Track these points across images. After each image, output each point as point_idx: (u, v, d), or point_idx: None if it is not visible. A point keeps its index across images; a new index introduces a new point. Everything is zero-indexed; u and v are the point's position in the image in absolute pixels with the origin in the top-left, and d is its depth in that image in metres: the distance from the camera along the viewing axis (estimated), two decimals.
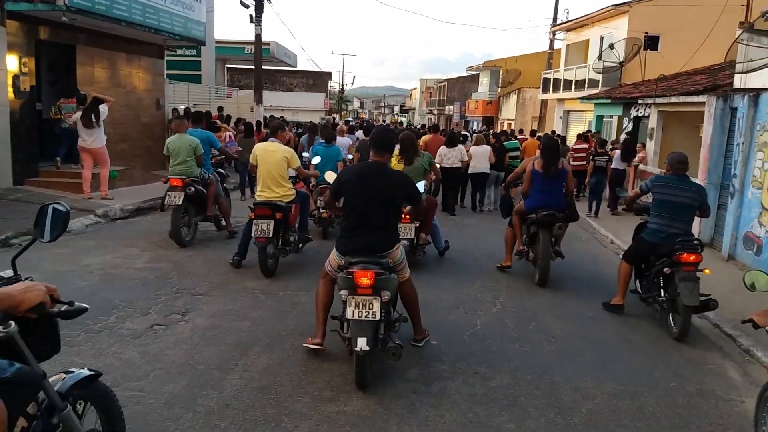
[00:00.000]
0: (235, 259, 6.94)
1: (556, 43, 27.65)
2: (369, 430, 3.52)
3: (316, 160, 8.21)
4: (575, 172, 9.89)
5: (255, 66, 20.06)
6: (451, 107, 49.57)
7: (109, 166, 10.54)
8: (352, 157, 10.71)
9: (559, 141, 12.56)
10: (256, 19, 18.74)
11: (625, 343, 5.19)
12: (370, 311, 3.91)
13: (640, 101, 15.27)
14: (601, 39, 22.25)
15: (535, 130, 18.41)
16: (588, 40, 24.14)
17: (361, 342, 3.83)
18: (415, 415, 3.71)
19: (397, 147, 6.08)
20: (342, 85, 62.93)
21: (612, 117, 19.18)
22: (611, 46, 19.95)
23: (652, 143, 14.06)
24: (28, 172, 10.76)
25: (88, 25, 11.18)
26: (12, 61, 10.03)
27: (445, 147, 11.63)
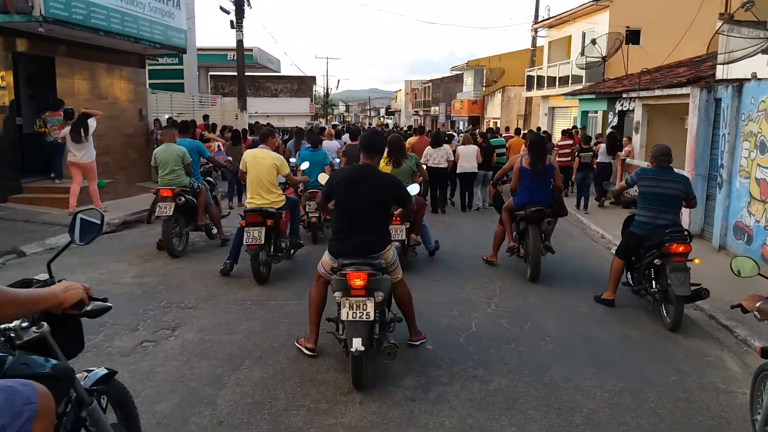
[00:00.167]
0: (227, 263, 6.90)
1: (539, 40, 27.70)
2: None
3: (304, 166, 8.22)
4: (561, 168, 9.92)
5: (238, 72, 19.93)
6: (436, 108, 49.62)
7: (96, 180, 10.40)
8: (340, 161, 10.69)
9: (546, 138, 12.57)
10: (237, 24, 18.61)
11: (622, 339, 5.15)
12: (364, 312, 3.95)
13: (624, 95, 15.33)
14: (583, 35, 22.33)
15: (519, 128, 18.43)
16: (570, 36, 24.23)
17: (357, 343, 3.86)
18: (414, 423, 3.64)
19: (385, 149, 6.09)
20: (327, 89, 62.78)
21: (597, 112, 19.25)
22: (593, 42, 20.02)
23: (638, 137, 14.11)
24: (10, 189, 10.58)
25: (67, 36, 11.02)
26: None
27: (430, 147, 11.62)
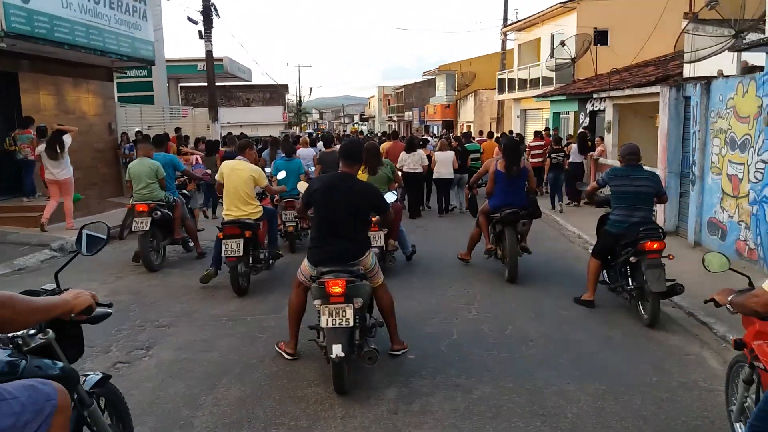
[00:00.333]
0: (210, 269, 6.87)
1: (508, 43, 27.95)
2: None
3: (281, 175, 8.21)
4: (533, 169, 10.02)
5: (208, 83, 19.74)
6: (410, 113, 49.78)
7: (72, 196, 10.21)
8: (315, 169, 10.63)
9: (519, 140, 12.69)
10: (206, 35, 18.42)
11: (604, 340, 5.14)
12: (344, 318, 3.99)
13: (594, 96, 15.51)
14: (552, 37, 22.59)
15: (492, 132, 18.54)
16: (539, 38, 24.49)
17: (336, 349, 3.89)
18: None
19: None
20: (299, 97, 62.54)
21: (568, 113, 19.45)
22: (562, 43, 20.27)
23: (609, 136, 14.27)
24: None
25: (30, 51, 10.76)
26: None
27: (405, 152, 11.70)
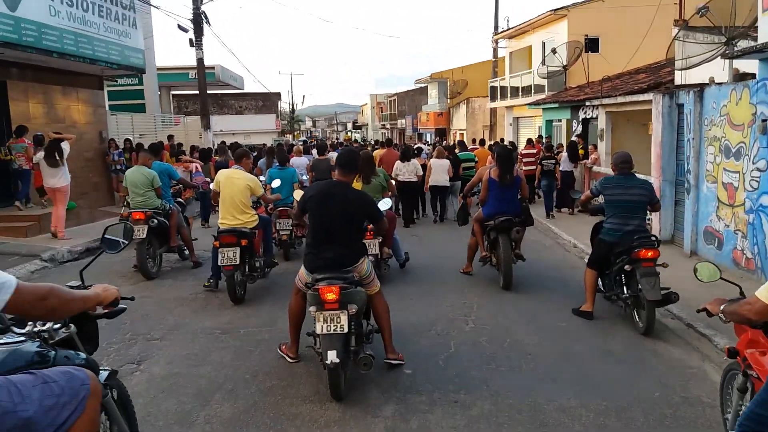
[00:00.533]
0: (210, 281, 7.03)
1: (500, 51, 28.00)
2: None
3: (276, 184, 8.27)
4: (526, 176, 10.03)
5: (200, 91, 19.61)
6: (403, 121, 49.79)
7: (65, 204, 10.20)
8: (308, 177, 10.65)
9: (513, 148, 12.69)
10: (197, 42, 18.30)
11: (603, 354, 5.05)
12: (338, 324, 4.03)
13: (587, 103, 15.53)
14: (543, 44, 22.65)
15: (483, 140, 18.53)
16: (530, 46, 24.56)
17: (331, 355, 3.94)
18: None
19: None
20: (292, 105, 62.47)
21: (561, 121, 19.47)
22: (553, 51, 20.32)
23: (603, 144, 14.27)
24: None
25: (18, 59, 10.64)
26: None
27: (399, 162, 11.77)
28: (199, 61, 18.69)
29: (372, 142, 30.25)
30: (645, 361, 4.88)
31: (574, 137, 16.62)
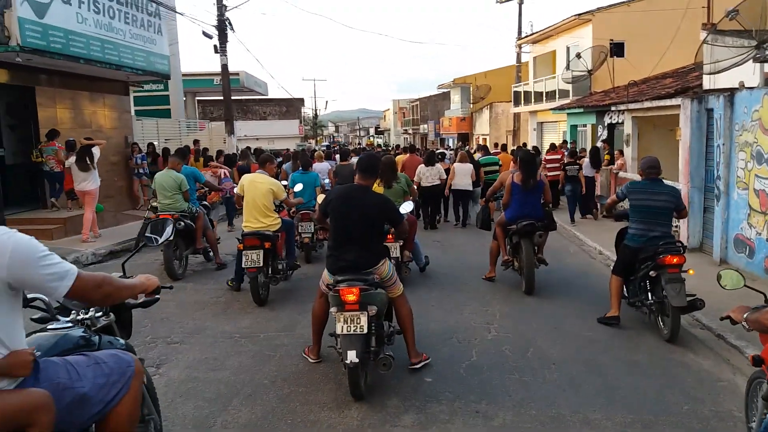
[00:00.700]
0: (233, 283, 7.26)
1: (523, 56, 27.80)
2: None
3: (298, 188, 8.31)
4: (550, 182, 9.90)
5: (224, 96, 19.77)
6: (425, 126, 49.70)
7: (93, 208, 10.42)
8: (330, 182, 10.69)
9: (536, 153, 12.58)
10: (221, 49, 18.48)
11: (630, 365, 4.91)
12: (358, 325, 4.08)
13: (612, 108, 15.28)
14: (567, 49, 22.38)
15: (505, 144, 18.37)
16: (554, 51, 24.30)
17: (351, 355, 3.99)
18: None
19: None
20: (315, 111, 62.85)
21: (586, 126, 19.21)
22: (578, 56, 20.04)
23: (629, 149, 14.03)
24: None
25: (46, 65, 10.82)
26: None
27: (423, 166, 11.79)
28: (224, 67, 18.85)
29: (393, 148, 30.26)
30: (673, 372, 4.73)
31: (599, 142, 16.37)
